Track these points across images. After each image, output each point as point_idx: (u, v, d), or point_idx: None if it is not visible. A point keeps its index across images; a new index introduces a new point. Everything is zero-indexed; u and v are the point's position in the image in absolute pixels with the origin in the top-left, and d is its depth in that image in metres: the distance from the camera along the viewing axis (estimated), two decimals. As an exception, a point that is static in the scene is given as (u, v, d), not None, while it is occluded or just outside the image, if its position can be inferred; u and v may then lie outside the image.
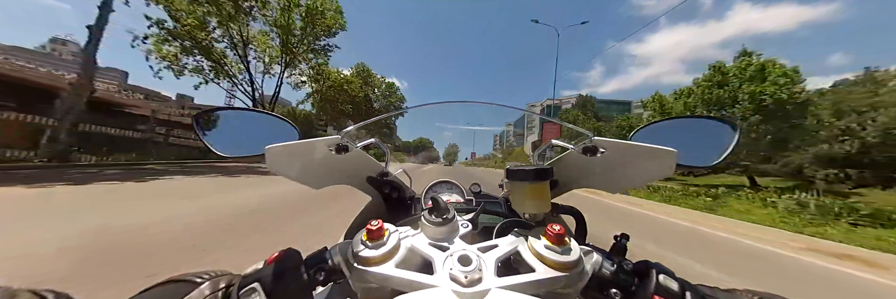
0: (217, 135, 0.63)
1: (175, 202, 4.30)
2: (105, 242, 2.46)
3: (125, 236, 2.63)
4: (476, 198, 0.98)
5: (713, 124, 0.62)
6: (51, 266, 1.97)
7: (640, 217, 5.92)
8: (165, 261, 2.15)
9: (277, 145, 0.51)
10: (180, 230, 2.90)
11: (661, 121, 0.63)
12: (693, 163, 0.56)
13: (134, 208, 3.74)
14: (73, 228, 2.76)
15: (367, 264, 0.33)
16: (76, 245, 2.35)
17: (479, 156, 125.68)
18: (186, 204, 4.20)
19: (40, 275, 1.83)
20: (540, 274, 0.33)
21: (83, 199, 4.20)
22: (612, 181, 0.60)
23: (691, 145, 0.54)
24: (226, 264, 2.16)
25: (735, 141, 0.57)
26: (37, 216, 3.18)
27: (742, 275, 2.78)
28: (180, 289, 0.32)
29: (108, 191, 5.04)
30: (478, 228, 0.45)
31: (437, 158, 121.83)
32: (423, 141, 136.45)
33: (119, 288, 1.71)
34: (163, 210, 3.71)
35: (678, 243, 3.89)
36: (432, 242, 0.37)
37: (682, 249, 3.55)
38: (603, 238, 0.62)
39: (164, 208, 3.83)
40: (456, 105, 0.67)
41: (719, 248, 3.78)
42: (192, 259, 2.22)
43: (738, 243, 4.08)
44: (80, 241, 2.43)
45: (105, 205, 3.83)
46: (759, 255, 3.58)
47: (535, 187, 0.49)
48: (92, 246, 2.36)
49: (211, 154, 0.61)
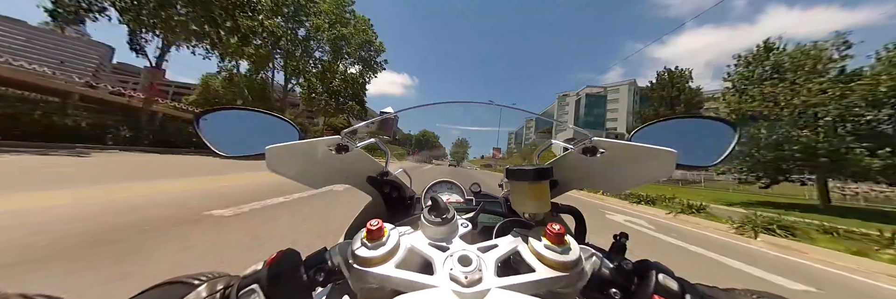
0: (218, 134, 0.63)
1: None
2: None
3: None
4: (476, 197, 0.98)
5: (713, 124, 0.62)
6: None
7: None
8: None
9: (278, 145, 0.51)
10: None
11: (661, 121, 0.63)
12: (693, 163, 0.56)
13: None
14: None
15: (367, 264, 0.33)
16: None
17: (486, 155, 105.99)
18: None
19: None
20: (540, 273, 0.33)
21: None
22: (612, 181, 0.60)
23: (691, 145, 0.54)
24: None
25: (735, 141, 0.58)
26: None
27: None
28: (176, 292, 0.32)
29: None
30: (478, 228, 0.45)
31: (442, 156, 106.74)
32: (427, 135, 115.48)
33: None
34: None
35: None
36: (432, 242, 0.37)
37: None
38: (603, 238, 0.62)
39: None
40: (460, 105, 0.66)
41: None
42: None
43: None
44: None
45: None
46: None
47: (535, 187, 0.49)
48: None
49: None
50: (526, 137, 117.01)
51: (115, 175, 5.82)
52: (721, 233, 5.64)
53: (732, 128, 0.59)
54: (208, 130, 0.63)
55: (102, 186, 4.35)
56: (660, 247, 4.22)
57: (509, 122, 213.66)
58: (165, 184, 5.14)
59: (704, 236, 5.35)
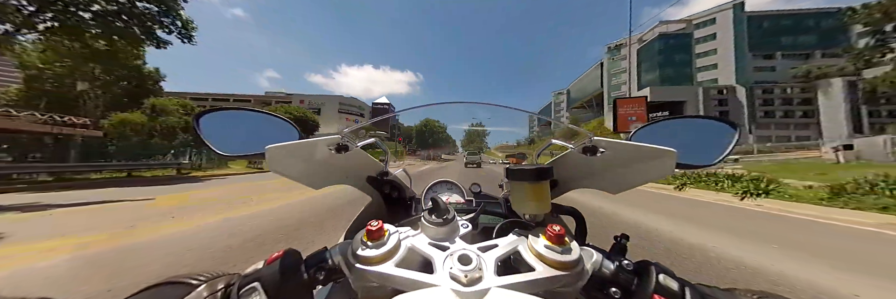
0: (218, 134, 0.64)
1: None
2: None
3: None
4: (476, 198, 0.98)
5: (713, 124, 0.62)
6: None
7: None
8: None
9: (278, 145, 0.51)
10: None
11: (660, 121, 0.64)
12: (693, 162, 0.56)
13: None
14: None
15: (368, 263, 0.33)
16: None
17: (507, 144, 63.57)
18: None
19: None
20: (540, 273, 0.33)
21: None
22: (612, 181, 0.60)
23: (691, 145, 0.54)
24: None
25: (734, 140, 0.58)
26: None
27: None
28: (177, 291, 0.32)
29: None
30: (478, 228, 0.45)
31: (452, 150, 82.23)
32: (430, 124, 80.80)
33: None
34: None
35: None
36: (432, 242, 0.37)
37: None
38: (603, 238, 0.62)
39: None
40: (461, 105, 0.66)
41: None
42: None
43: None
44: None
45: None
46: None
47: (535, 187, 0.49)
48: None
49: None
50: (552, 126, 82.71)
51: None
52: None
53: (732, 127, 0.59)
54: (208, 130, 0.63)
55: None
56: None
57: (512, 123, 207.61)
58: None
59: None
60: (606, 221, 4.23)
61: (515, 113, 16.92)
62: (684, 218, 4.60)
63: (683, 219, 4.52)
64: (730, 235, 3.55)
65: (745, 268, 2.52)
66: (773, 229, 4.02)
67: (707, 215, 4.94)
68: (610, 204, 5.29)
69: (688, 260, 2.69)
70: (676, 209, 5.49)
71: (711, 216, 4.86)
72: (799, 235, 3.71)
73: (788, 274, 2.38)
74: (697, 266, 2.56)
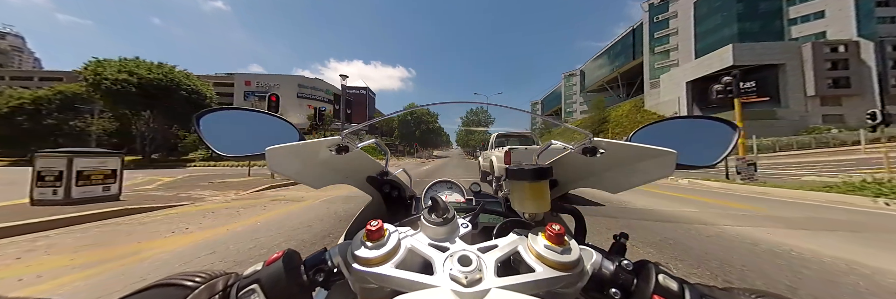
0: (218, 135, 0.64)
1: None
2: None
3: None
4: (476, 197, 0.98)
5: (713, 124, 0.62)
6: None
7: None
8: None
9: (278, 146, 0.51)
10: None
11: (660, 121, 0.64)
12: (693, 163, 0.56)
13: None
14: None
15: (367, 264, 0.33)
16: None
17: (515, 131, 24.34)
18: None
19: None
20: (540, 274, 0.33)
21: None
22: (612, 181, 0.60)
23: (691, 145, 0.54)
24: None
25: (734, 141, 0.58)
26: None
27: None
28: (176, 291, 0.31)
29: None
30: (478, 228, 0.45)
31: (446, 145, 69.80)
32: (416, 113, 51.27)
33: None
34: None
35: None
36: (432, 242, 0.37)
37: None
38: (603, 238, 0.62)
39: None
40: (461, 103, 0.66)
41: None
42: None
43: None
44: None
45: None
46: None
47: (535, 187, 0.49)
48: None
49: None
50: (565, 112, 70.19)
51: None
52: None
53: (732, 127, 0.59)
54: (208, 130, 0.63)
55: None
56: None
57: (510, 124, 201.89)
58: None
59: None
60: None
61: (519, 107, 17.58)
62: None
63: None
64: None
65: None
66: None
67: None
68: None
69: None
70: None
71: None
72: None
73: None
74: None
